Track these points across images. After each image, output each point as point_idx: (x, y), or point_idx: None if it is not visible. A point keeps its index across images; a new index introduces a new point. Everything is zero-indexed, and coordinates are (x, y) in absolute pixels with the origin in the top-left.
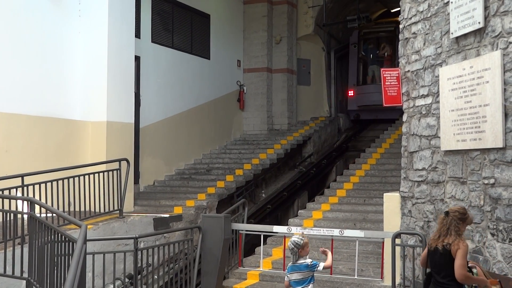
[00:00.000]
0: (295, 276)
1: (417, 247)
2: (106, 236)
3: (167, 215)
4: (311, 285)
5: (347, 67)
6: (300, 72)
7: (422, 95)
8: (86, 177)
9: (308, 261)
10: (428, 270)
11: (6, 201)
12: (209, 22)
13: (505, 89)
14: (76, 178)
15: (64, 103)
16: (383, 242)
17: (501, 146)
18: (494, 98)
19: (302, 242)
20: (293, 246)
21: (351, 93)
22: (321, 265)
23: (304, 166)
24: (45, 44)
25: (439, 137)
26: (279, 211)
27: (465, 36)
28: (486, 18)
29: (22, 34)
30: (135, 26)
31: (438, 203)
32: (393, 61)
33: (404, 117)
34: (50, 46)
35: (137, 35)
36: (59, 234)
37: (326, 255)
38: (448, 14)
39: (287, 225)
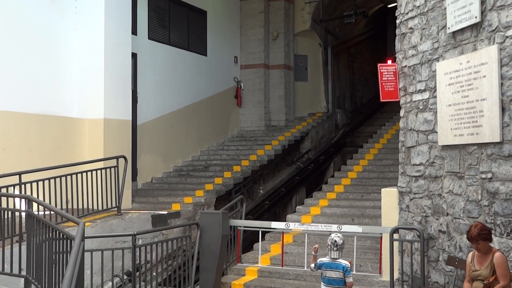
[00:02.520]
0: (332, 274)
1: (415, 242)
2: (104, 233)
3: (165, 212)
4: None
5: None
6: (297, 68)
7: (419, 90)
8: (84, 174)
9: (348, 264)
10: None
11: (4, 199)
12: (205, 18)
13: (502, 83)
14: (74, 176)
15: (61, 100)
16: (381, 237)
17: (498, 140)
18: (491, 93)
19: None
20: (342, 241)
21: None
22: (350, 279)
23: (301, 162)
24: (42, 41)
25: (436, 132)
26: (277, 207)
27: (462, 30)
28: (482, 12)
29: (18, 31)
30: (132, 22)
31: (435, 198)
32: None
33: (401, 112)
34: (46, 43)
35: (134, 32)
36: (57, 232)
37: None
38: (445, 8)
39: (285, 221)
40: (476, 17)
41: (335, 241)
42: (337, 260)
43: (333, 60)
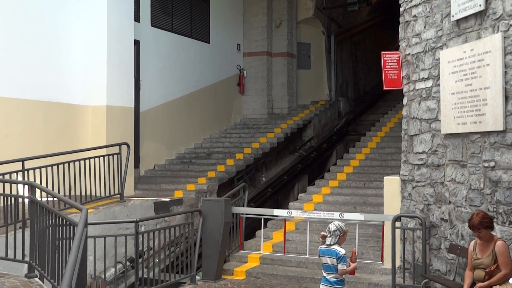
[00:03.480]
0: (326, 261)
1: (417, 230)
2: (107, 220)
3: (167, 199)
4: (339, 278)
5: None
6: (300, 56)
7: (423, 78)
8: (87, 161)
9: (342, 251)
10: None
11: (7, 185)
12: (208, 5)
13: (505, 72)
14: (77, 163)
15: (63, 87)
16: (383, 225)
17: (501, 129)
18: (494, 81)
19: (345, 228)
20: (335, 228)
21: None
22: (343, 267)
23: (304, 150)
24: (44, 28)
25: (439, 120)
26: (279, 194)
27: (466, 18)
28: (487, 0)
29: (20, 18)
30: (135, 9)
31: (438, 186)
32: None
33: (404, 101)
34: (49, 30)
35: (137, 19)
36: (60, 218)
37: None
38: None
39: (287, 208)
40: (480, 5)
41: (329, 227)
42: (332, 247)
43: (336, 48)
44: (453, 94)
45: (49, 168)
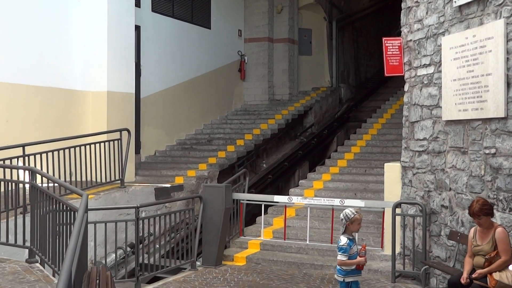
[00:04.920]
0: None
1: (417, 216)
2: (108, 206)
3: (168, 185)
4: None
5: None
6: (301, 42)
7: (424, 64)
8: (87, 147)
9: (343, 240)
10: None
11: (8, 170)
12: None
13: (508, 58)
14: (77, 148)
15: (64, 73)
16: (383, 212)
17: (502, 115)
18: (496, 68)
19: (353, 216)
20: (342, 217)
21: None
22: (341, 257)
23: (305, 137)
24: (45, 13)
25: (441, 107)
26: (280, 181)
27: (468, 4)
28: None
29: (21, 3)
30: None
31: (438, 173)
32: None
33: (406, 87)
34: (49, 15)
35: (137, 4)
36: (61, 204)
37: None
38: None
39: (288, 195)
40: None
41: (346, 213)
42: (340, 236)
43: (337, 34)
44: (455, 81)
45: (50, 154)
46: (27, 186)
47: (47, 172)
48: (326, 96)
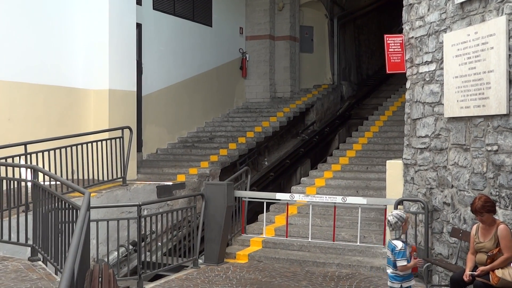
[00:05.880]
0: (388, 254)
1: (419, 213)
2: (110, 204)
3: (170, 183)
4: (396, 273)
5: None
6: (303, 39)
7: (426, 61)
8: (89, 145)
9: (399, 245)
10: None
11: (10, 169)
12: None
13: (510, 55)
14: (79, 146)
15: (66, 71)
16: (385, 209)
17: (505, 112)
18: (498, 65)
19: (405, 215)
20: (396, 220)
21: None
22: (403, 262)
23: (307, 134)
24: (46, 11)
25: (443, 104)
26: (281, 178)
27: (470, 1)
28: None
29: (22, 1)
30: None
31: (441, 170)
32: None
33: (408, 84)
34: (50, 13)
35: (139, 2)
36: (63, 202)
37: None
38: None
39: (290, 192)
40: None
41: (388, 220)
42: (392, 241)
43: (339, 32)
44: (457, 78)
45: (52, 152)
46: (29, 184)
47: (49, 170)
48: (327, 93)
